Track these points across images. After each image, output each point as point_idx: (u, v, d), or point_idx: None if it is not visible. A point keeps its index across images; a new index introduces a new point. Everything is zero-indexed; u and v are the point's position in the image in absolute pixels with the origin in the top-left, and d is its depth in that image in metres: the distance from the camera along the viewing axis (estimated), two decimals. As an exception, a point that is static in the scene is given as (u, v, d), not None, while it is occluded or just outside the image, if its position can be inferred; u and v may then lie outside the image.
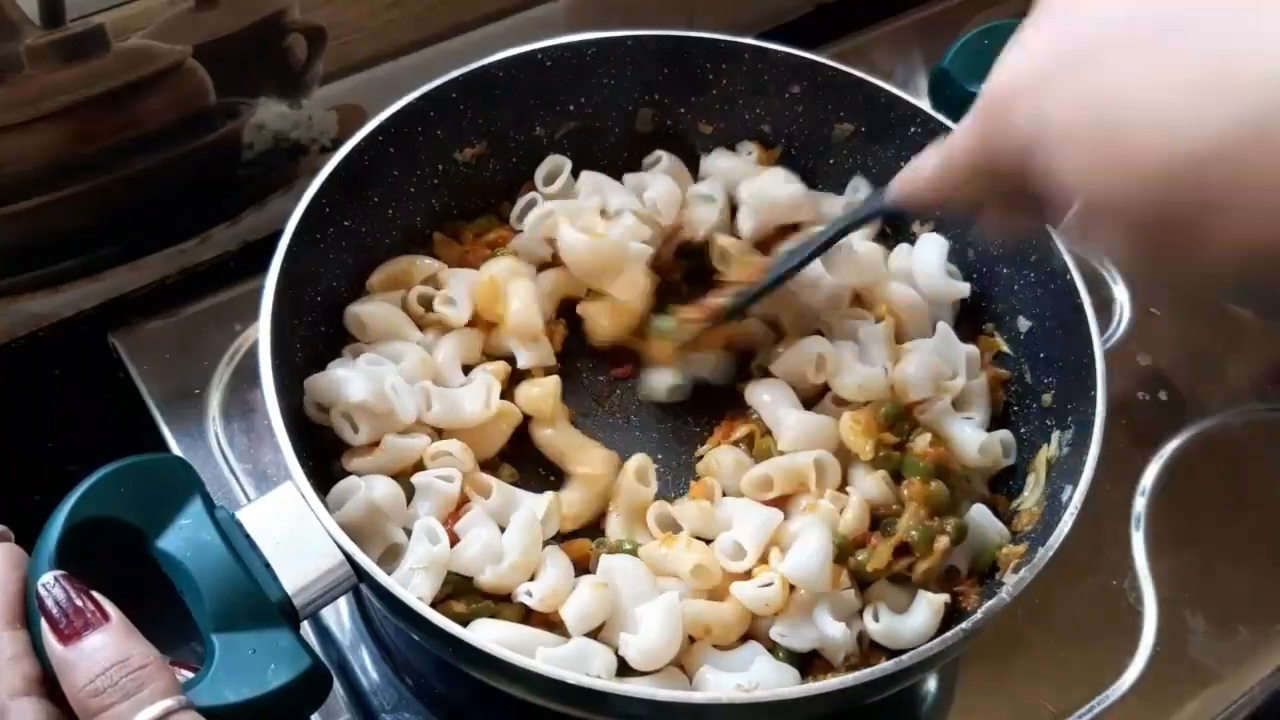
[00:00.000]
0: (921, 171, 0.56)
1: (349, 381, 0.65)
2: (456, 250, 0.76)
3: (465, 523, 0.64)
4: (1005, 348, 0.74)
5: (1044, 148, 0.45)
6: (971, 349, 0.72)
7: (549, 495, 0.66)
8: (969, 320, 0.76)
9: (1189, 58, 0.41)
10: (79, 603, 0.47)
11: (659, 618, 0.60)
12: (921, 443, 0.67)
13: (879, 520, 0.66)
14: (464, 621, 0.59)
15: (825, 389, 0.71)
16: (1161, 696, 0.73)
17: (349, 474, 0.64)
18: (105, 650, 0.46)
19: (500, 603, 0.63)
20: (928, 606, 0.62)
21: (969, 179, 0.53)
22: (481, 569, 0.62)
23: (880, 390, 0.69)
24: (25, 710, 0.45)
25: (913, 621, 0.62)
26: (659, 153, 0.80)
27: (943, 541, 0.63)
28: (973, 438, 0.69)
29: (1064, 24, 0.46)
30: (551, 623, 0.62)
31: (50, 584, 0.47)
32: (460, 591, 0.62)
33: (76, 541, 0.50)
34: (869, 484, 0.66)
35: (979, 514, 0.66)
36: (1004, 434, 0.70)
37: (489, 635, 0.57)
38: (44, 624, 0.46)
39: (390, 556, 0.62)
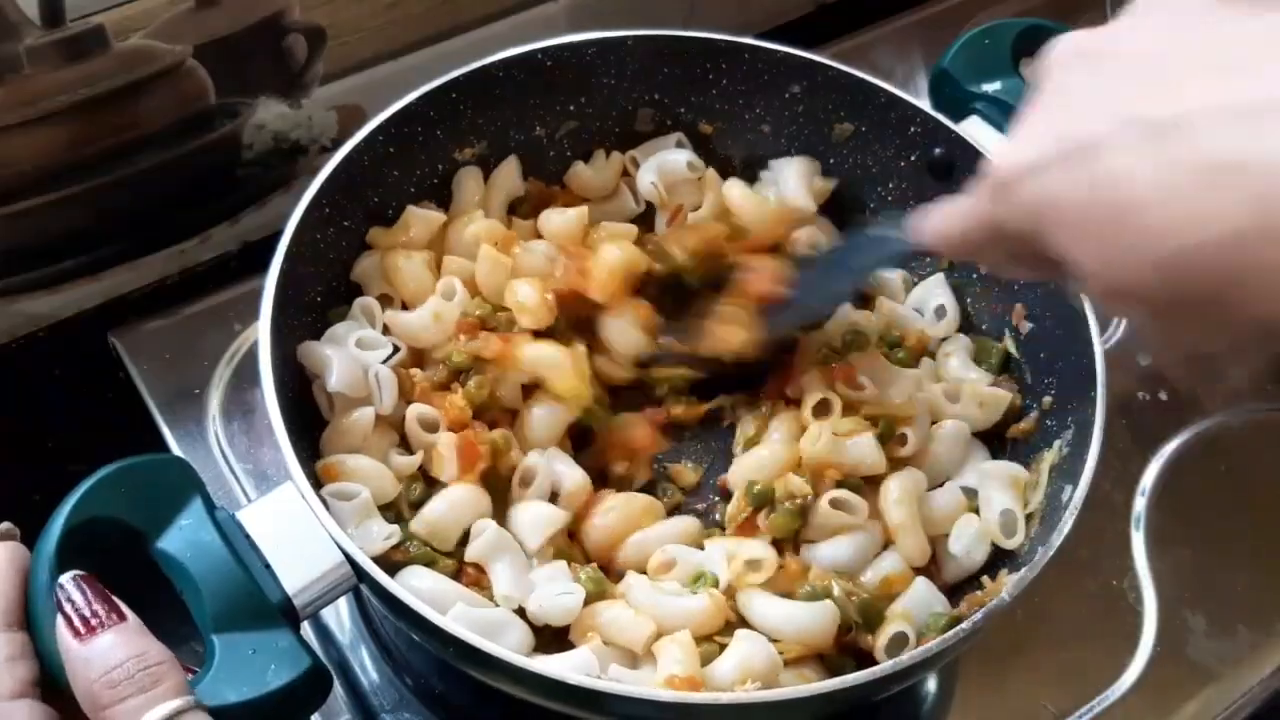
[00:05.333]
0: (936, 226, 0.55)
1: (330, 364, 0.66)
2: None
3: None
4: (1012, 349, 0.74)
5: (1052, 230, 0.45)
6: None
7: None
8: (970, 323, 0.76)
9: (1193, 154, 0.40)
10: (96, 604, 0.47)
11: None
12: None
13: None
14: (393, 571, 0.59)
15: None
16: (1161, 696, 0.73)
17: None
18: (121, 647, 0.46)
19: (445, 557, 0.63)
20: None
21: (979, 246, 0.53)
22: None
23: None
24: (20, 712, 0.46)
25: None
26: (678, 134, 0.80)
27: None
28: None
29: (1062, 114, 0.45)
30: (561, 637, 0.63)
31: (69, 583, 0.48)
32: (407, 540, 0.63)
33: (77, 542, 0.50)
34: None
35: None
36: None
37: (506, 643, 0.57)
38: (60, 622, 0.47)
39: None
